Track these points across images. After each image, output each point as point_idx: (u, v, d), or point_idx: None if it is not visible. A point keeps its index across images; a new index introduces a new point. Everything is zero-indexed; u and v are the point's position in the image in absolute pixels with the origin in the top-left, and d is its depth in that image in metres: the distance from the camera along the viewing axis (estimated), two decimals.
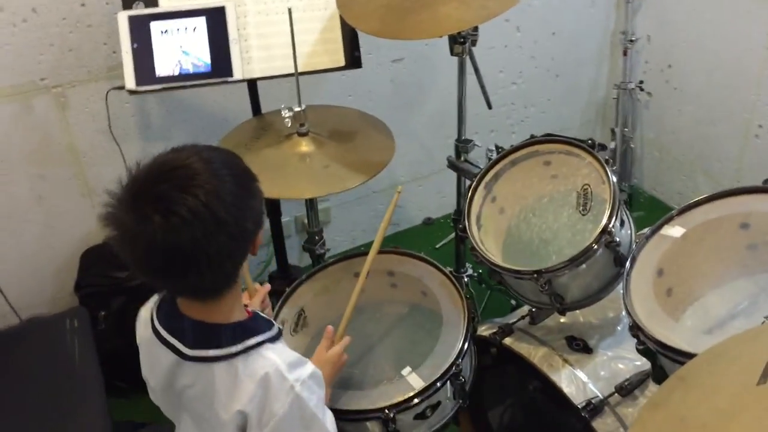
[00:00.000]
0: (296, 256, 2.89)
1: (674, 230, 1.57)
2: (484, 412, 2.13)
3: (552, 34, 3.05)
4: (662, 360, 1.45)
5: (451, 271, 2.40)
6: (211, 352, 1.27)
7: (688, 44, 2.89)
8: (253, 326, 1.32)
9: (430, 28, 1.72)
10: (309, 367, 1.33)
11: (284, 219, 2.53)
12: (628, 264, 1.57)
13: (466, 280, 2.37)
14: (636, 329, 1.46)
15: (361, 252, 2.02)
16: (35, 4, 2.16)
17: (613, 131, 3.17)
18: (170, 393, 1.36)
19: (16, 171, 2.37)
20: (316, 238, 2.13)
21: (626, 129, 3.13)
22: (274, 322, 1.39)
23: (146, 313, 1.38)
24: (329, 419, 1.37)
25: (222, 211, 1.15)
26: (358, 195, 3.00)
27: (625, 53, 3.05)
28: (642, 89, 3.12)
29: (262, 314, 1.41)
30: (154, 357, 1.34)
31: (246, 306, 1.42)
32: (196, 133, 2.51)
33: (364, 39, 2.72)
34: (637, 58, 3.11)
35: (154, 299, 1.38)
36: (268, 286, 1.67)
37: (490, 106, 2.29)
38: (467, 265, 2.65)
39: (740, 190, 1.55)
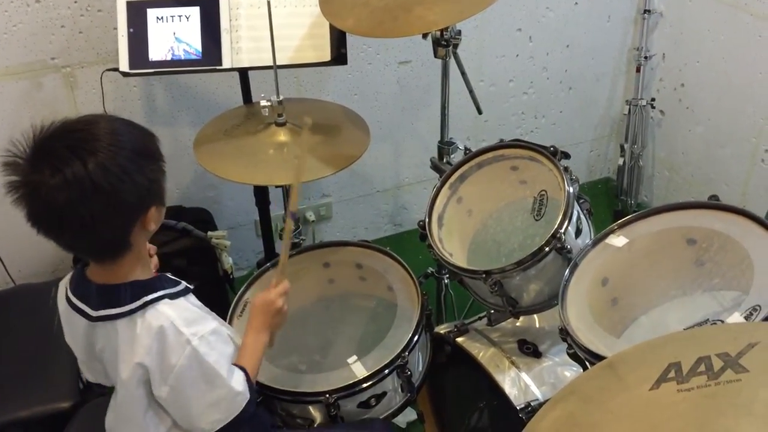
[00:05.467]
0: None
1: (618, 240, 1.57)
2: (449, 414, 2.15)
3: (566, 46, 3.04)
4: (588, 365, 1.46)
5: (433, 271, 2.46)
6: (112, 311, 1.33)
7: (702, 64, 2.86)
8: (152, 283, 1.36)
9: (403, 27, 1.76)
10: (210, 324, 1.37)
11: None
12: (568, 270, 1.58)
13: (446, 281, 2.39)
14: (564, 333, 1.47)
15: (332, 243, 2.07)
16: None
17: (622, 147, 3.15)
18: (94, 360, 1.42)
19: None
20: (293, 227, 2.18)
21: (635, 146, 3.11)
22: (181, 281, 1.42)
23: (62, 286, 1.44)
24: (238, 378, 1.39)
25: (103, 181, 1.21)
26: (361, 193, 3.04)
27: (638, 70, 3.03)
28: (654, 107, 3.09)
29: (169, 276, 1.43)
30: (72, 326, 1.41)
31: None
32: (201, 119, 2.58)
33: (372, 41, 2.78)
34: (652, 76, 3.09)
35: (70, 273, 1.44)
36: (153, 248, 1.63)
37: (480, 111, 2.30)
38: None
39: (685, 205, 1.55)
